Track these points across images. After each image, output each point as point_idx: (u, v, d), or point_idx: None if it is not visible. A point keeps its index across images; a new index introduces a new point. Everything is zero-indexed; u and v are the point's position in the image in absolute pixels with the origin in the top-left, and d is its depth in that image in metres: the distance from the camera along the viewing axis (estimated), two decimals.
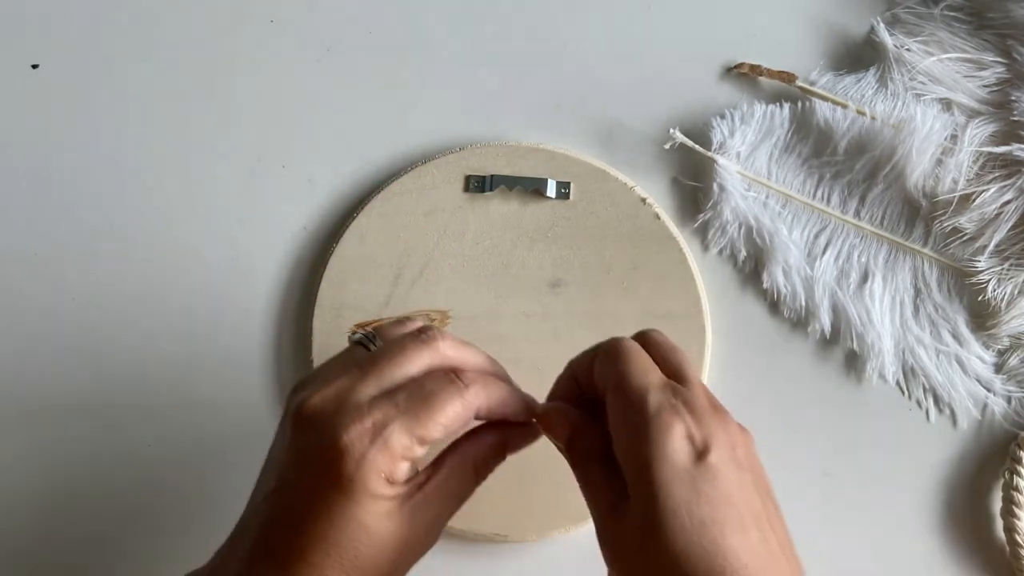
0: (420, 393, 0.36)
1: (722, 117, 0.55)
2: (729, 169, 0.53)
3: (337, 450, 0.34)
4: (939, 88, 0.55)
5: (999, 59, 0.56)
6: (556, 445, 0.39)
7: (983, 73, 0.56)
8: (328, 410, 0.35)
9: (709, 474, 0.33)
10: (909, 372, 0.52)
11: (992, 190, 0.53)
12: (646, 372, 0.36)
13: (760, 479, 0.35)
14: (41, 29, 0.58)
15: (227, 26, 0.58)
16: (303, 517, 0.34)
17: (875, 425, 0.51)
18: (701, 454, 0.34)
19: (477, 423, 0.39)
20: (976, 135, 0.54)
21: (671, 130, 0.54)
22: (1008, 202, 0.52)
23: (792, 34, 0.58)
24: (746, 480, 0.34)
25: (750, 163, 0.55)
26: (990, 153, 0.54)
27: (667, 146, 0.54)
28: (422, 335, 0.38)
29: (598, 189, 0.54)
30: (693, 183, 0.55)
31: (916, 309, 0.53)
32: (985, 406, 0.51)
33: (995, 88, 0.55)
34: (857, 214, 0.54)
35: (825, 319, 0.52)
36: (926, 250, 0.53)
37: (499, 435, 0.39)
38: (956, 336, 0.52)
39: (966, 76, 0.56)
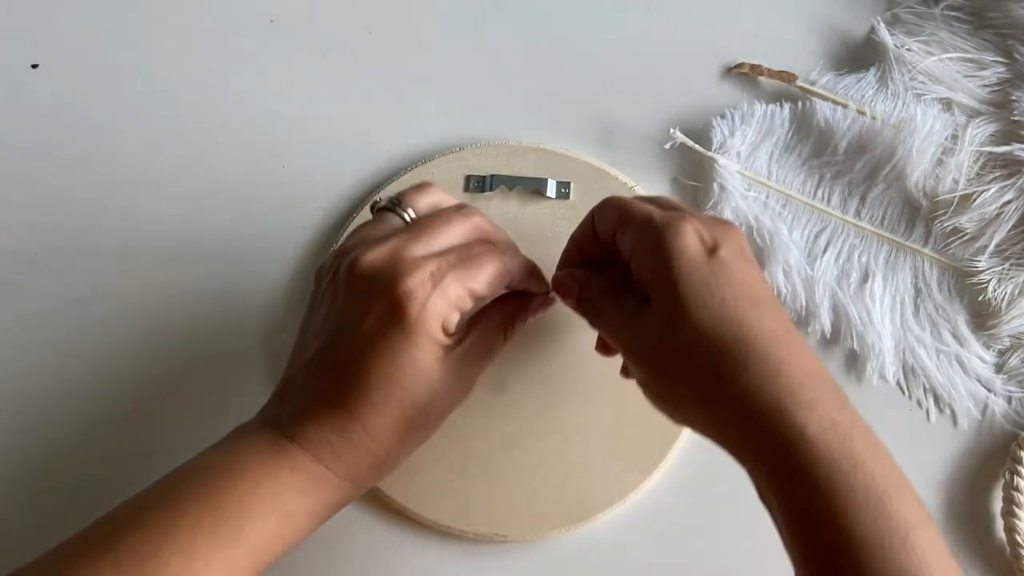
0: (468, 254, 0.40)
1: (722, 117, 0.55)
2: (729, 169, 0.53)
3: (402, 295, 0.37)
4: (939, 88, 0.55)
5: (999, 59, 0.56)
6: (570, 305, 0.44)
7: (983, 73, 0.56)
8: (386, 264, 0.38)
9: (723, 265, 0.37)
10: (909, 372, 0.52)
11: (992, 190, 0.53)
12: (644, 204, 0.41)
13: (764, 276, 0.40)
14: (41, 29, 0.58)
15: (227, 26, 0.58)
16: (365, 361, 0.37)
17: (875, 425, 0.50)
18: (712, 250, 0.38)
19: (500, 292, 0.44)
20: (976, 135, 0.54)
21: (671, 130, 0.54)
22: (1008, 202, 0.52)
23: (792, 34, 0.58)
24: (755, 271, 0.39)
25: (750, 163, 0.55)
26: (990, 153, 0.54)
27: (667, 146, 0.54)
28: (462, 209, 0.42)
29: (598, 189, 0.53)
30: (693, 183, 0.55)
31: (916, 309, 0.53)
32: (985, 406, 0.51)
33: (995, 88, 0.56)
34: (857, 214, 0.54)
35: (825, 319, 0.52)
36: (927, 250, 0.53)
37: (520, 301, 0.45)
38: (956, 336, 0.52)
39: (966, 76, 0.56)
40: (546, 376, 0.50)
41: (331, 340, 0.38)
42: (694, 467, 0.49)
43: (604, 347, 0.47)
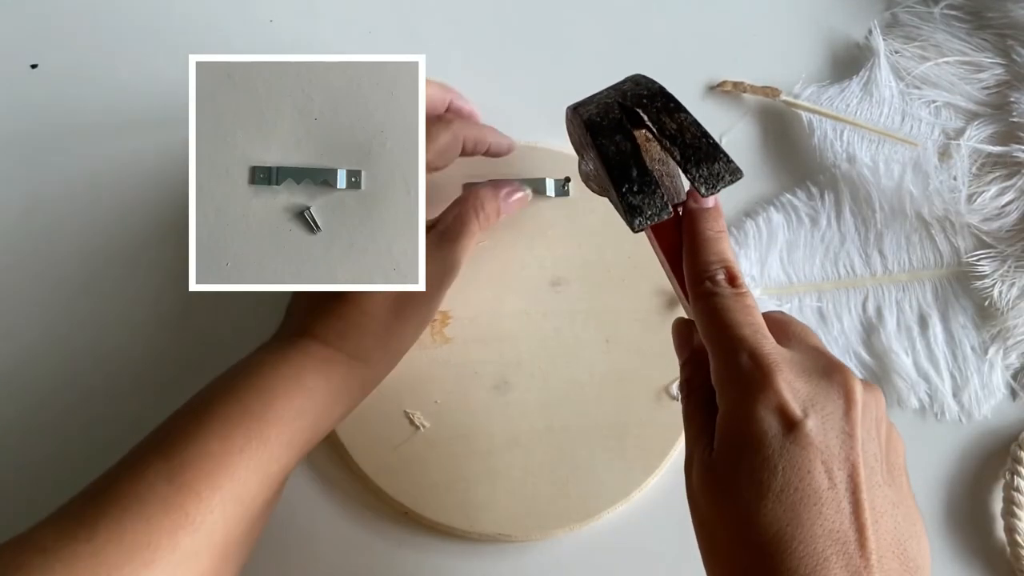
0: None
1: None
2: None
3: None
4: (935, 92, 0.55)
5: (998, 60, 0.56)
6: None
7: (982, 75, 0.56)
8: None
9: (798, 445, 0.31)
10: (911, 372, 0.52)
11: (992, 191, 0.53)
12: (740, 332, 0.34)
13: (858, 452, 0.32)
14: (41, 29, 0.57)
15: (227, 27, 0.58)
16: None
17: None
18: (792, 425, 0.32)
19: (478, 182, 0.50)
20: (975, 137, 0.54)
21: None
22: (1009, 203, 0.53)
23: (776, 47, 0.57)
24: (839, 448, 0.32)
25: (766, 277, 0.53)
26: (989, 154, 0.54)
27: None
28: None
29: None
30: None
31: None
32: (986, 406, 0.51)
33: (994, 90, 0.56)
34: (886, 269, 0.53)
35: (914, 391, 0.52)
36: (943, 270, 0.53)
37: (494, 188, 0.50)
38: (958, 336, 0.52)
39: (963, 79, 0.56)
40: (548, 375, 0.50)
41: None
42: None
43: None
